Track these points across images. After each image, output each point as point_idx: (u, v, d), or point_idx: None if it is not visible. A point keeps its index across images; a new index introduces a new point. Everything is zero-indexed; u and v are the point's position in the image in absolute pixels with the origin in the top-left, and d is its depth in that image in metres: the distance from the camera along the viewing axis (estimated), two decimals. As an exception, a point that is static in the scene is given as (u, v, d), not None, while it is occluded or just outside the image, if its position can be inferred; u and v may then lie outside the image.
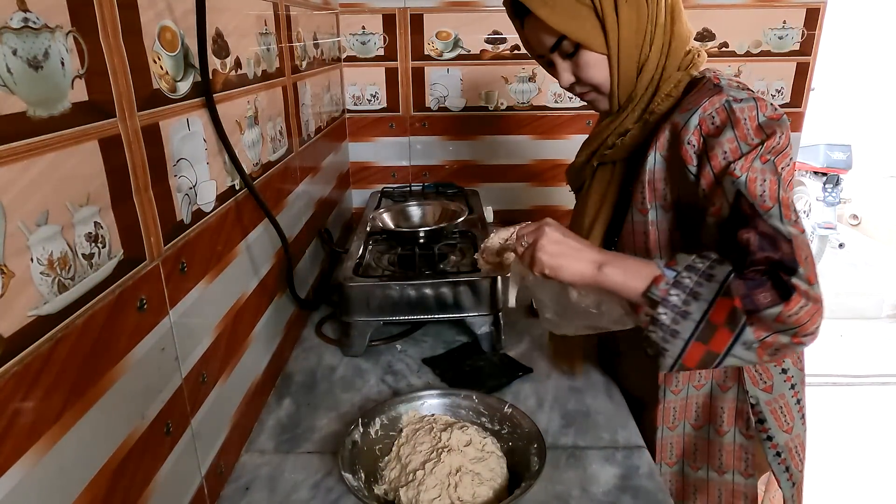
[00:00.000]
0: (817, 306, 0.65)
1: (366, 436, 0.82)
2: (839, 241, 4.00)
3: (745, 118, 0.74)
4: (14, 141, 0.43)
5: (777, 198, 0.69)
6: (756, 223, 0.69)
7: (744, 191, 0.70)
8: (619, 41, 0.81)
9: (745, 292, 0.64)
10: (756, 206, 0.69)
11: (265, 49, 1.01)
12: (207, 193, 0.76)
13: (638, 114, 0.86)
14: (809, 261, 0.66)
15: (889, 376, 2.84)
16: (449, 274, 1.14)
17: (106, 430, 0.54)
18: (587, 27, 0.80)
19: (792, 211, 0.70)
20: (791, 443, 0.90)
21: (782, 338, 0.65)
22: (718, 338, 0.66)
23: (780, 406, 0.89)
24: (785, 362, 0.89)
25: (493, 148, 1.87)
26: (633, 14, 0.80)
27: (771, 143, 0.72)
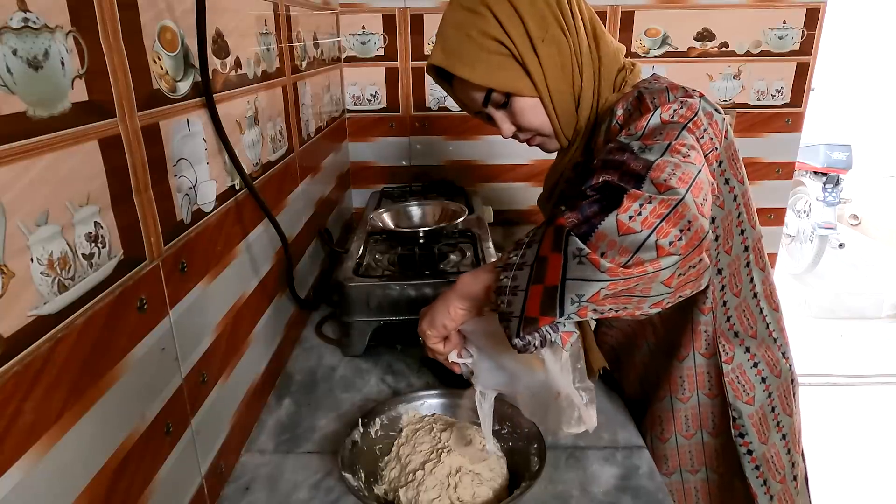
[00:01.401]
0: (668, 204, 0.53)
1: (366, 436, 0.82)
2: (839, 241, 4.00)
3: (654, 98, 0.71)
4: (14, 141, 0.43)
5: (674, 139, 0.62)
6: (613, 154, 0.63)
7: (627, 141, 0.64)
8: (547, 80, 0.79)
9: (575, 214, 0.56)
10: (632, 144, 0.63)
11: (265, 49, 1.01)
12: (207, 193, 0.76)
13: (584, 144, 0.85)
14: (679, 176, 0.56)
15: (889, 376, 2.84)
16: (449, 274, 1.14)
17: (106, 430, 0.54)
18: (511, 75, 0.79)
19: (689, 150, 0.60)
20: (768, 453, 0.88)
21: (644, 255, 0.53)
22: (551, 267, 0.55)
23: (759, 417, 0.87)
24: (763, 370, 0.87)
25: (493, 148, 1.87)
26: (553, 50, 0.78)
27: (672, 106, 0.68)
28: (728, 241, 0.82)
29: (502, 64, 0.79)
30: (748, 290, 0.85)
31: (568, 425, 0.65)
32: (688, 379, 0.88)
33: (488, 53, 0.78)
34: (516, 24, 0.77)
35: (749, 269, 0.84)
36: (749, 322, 0.86)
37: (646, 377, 0.96)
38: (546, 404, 0.68)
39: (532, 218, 1.92)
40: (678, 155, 0.59)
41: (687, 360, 0.87)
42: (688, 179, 0.56)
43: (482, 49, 0.78)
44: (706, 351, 0.86)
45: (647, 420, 0.95)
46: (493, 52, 0.78)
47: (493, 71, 0.79)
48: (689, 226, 0.54)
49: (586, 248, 0.53)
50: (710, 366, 0.87)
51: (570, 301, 0.54)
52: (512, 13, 0.77)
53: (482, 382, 0.74)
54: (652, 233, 0.52)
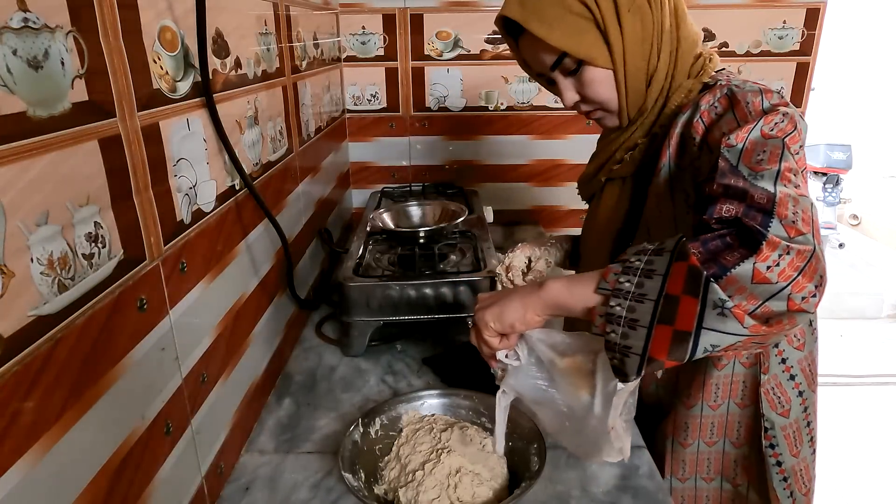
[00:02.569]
0: (804, 256, 0.52)
1: (366, 436, 0.82)
2: (839, 241, 4.00)
3: (748, 101, 0.68)
4: (14, 141, 0.43)
5: (779, 161, 0.60)
6: (728, 177, 0.60)
7: (734, 156, 0.62)
8: (625, 54, 0.75)
9: (700, 247, 0.54)
10: (741, 168, 0.61)
11: (265, 49, 1.01)
12: (207, 193, 0.76)
13: (647, 127, 0.81)
14: (802, 216, 0.55)
15: (889, 376, 2.84)
16: (449, 274, 1.14)
17: (106, 430, 0.54)
18: (589, 41, 0.75)
19: (794, 175, 0.60)
20: (797, 466, 0.86)
21: (774, 304, 0.52)
22: (683, 311, 0.53)
23: (793, 430, 0.85)
24: (801, 384, 0.84)
25: (493, 148, 1.87)
26: (637, 23, 0.74)
27: (773, 118, 0.65)
28: None
29: (583, 29, 0.74)
30: None
31: (609, 455, 0.64)
32: (723, 387, 0.85)
33: (571, 15, 0.73)
34: None
35: None
36: (796, 334, 0.83)
37: (676, 384, 0.90)
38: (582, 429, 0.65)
39: (532, 218, 1.92)
40: (790, 185, 0.58)
41: (726, 368, 0.84)
42: (808, 219, 0.55)
43: (565, 9, 0.73)
44: (746, 360, 0.83)
45: (668, 425, 0.91)
46: (576, 14, 0.73)
47: (571, 35, 0.74)
48: (822, 281, 0.54)
49: (730, 301, 0.51)
50: (747, 375, 0.84)
51: (703, 349, 0.53)
52: None
53: (514, 387, 0.70)
54: (788, 286, 0.51)
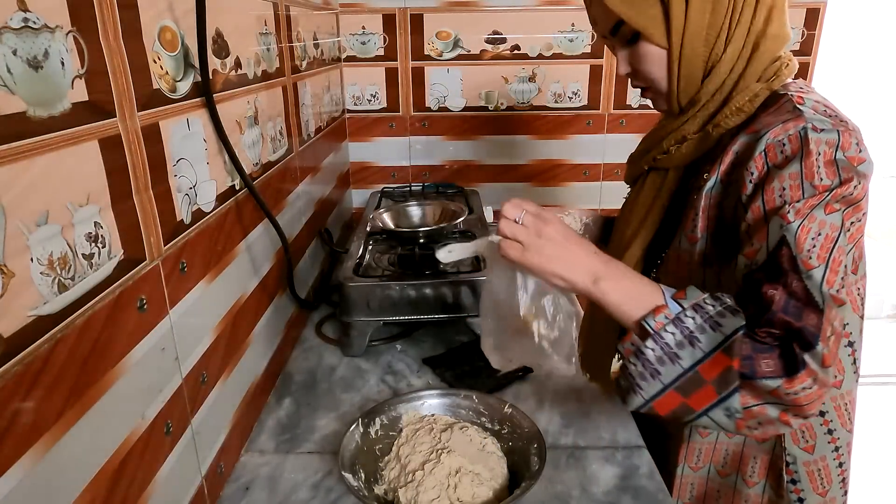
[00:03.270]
0: (821, 392, 0.58)
1: (366, 436, 0.82)
2: (839, 241, 3.98)
3: (820, 152, 0.63)
4: (14, 141, 0.43)
5: (828, 258, 0.60)
6: (789, 280, 0.60)
7: (791, 240, 0.61)
8: (684, 35, 0.69)
9: (747, 354, 0.57)
10: (798, 261, 0.60)
11: (265, 49, 1.01)
12: (207, 193, 0.76)
13: (700, 122, 0.74)
14: (833, 341, 0.59)
15: (889, 376, 2.84)
16: (449, 274, 1.14)
17: (106, 430, 0.54)
18: (649, 14, 0.69)
19: (840, 277, 0.60)
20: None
21: (770, 411, 0.58)
22: (701, 395, 0.59)
23: (818, 468, 0.80)
24: (832, 422, 0.78)
25: (493, 148, 1.87)
26: (706, 4, 0.68)
27: (842, 191, 0.62)
28: None
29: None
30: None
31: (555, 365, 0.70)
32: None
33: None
34: None
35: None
36: (836, 371, 0.78)
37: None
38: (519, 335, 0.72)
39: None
40: (835, 286, 0.60)
41: None
42: (838, 341, 0.60)
43: None
44: None
45: (682, 448, 0.84)
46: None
47: (633, 2, 0.70)
48: (819, 403, 0.59)
49: (740, 412, 0.58)
50: None
51: (694, 426, 0.59)
52: None
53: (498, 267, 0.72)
54: (794, 406, 0.58)
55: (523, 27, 1.75)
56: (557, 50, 1.77)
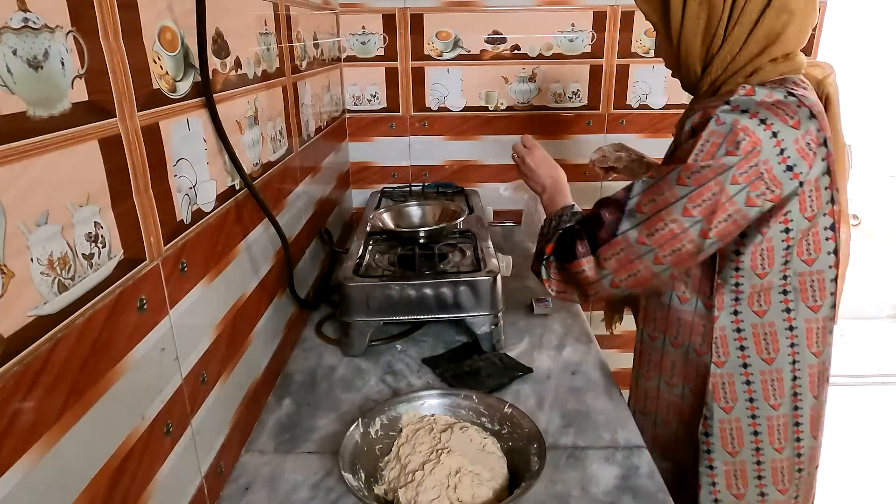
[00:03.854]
0: (592, 278, 0.86)
1: (366, 436, 0.82)
2: (839, 241, 3.98)
3: (709, 140, 0.76)
4: (14, 141, 0.43)
5: (657, 212, 0.79)
6: (608, 207, 0.84)
7: (635, 190, 0.82)
8: (681, 35, 0.82)
9: (562, 242, 0.90)
10: (627, 203, 0.82)
11: (265, 49, 1.01)
12: (207, 193, 0.76)
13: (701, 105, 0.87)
14: (620, 259, 0.82)
15: (889, 376, 2.84)
16: (449, 274, 1.14)
17: (106, 430, 0.54)
18: (658, 12, 0.84)
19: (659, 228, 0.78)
20: (732, 467, 0.91)
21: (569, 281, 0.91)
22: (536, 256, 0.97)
23: (731, 428, 0.90)
24: (755, 391, 0.88)
25: (493, 148, 1.87)
26: (703, 12, 0.80)
27: (701, 170, 0.75)
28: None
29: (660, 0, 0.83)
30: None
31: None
32: (684, 325, 0.91)
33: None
34: None
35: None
36: (769, 347, 0.87)
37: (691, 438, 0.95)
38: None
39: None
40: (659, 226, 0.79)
41: (687, 304, 0.91)
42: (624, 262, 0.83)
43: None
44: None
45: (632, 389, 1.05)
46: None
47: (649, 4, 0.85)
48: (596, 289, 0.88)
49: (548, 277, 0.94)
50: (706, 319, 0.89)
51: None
52: None
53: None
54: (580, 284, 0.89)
55: (523, 27, 1.75)
56: (557, 50, 1.77)
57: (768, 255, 0.81)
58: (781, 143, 0.73)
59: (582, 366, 1.09)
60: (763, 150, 0.73)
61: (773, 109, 0.74)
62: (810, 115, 0.75)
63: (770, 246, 0.80)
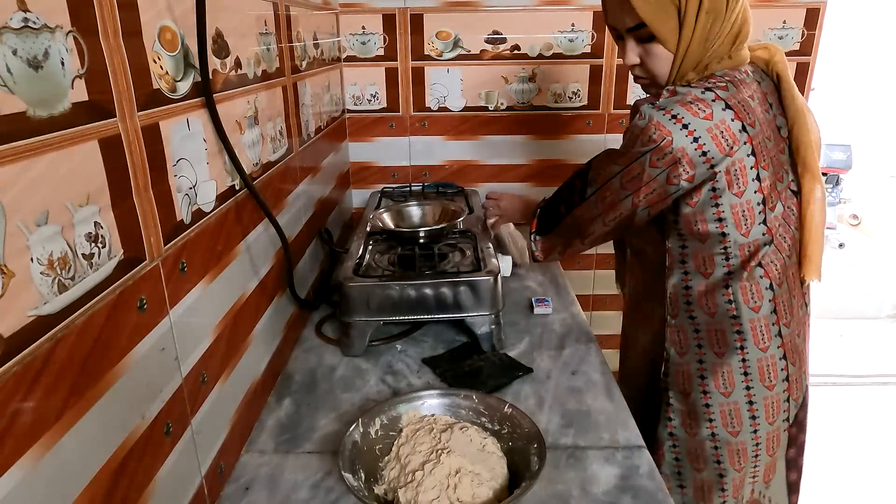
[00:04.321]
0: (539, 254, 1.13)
1: (366, 436, 0.82)
2: (839, 241, 4.00)
3: (632, 129, 0.90)
4: (14, 141, 0.43)
5: (598, 175, 0.97)
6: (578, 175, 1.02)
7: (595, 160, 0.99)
8: (689, 46, 0.87)
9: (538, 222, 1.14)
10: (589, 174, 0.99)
11: (265, 49, 1.01)
12: (207, 193, 0.76)
13: None
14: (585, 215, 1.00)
15: (889, 376, 2.84)
16: (449, 274, 1.14)
17: (106, 430, 0.54)
18: (669, 25, 0.86)
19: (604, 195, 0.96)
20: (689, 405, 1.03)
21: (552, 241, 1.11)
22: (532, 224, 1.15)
23: (684, 373, 1.02)
24: (702, 340, 1.00)
25: (493, 148, 1.87)
26: (709, 25, 0.86)
27: (625, 152, 0.91)
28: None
29: (668, 12, 0.86)
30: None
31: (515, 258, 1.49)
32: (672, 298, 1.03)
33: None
34: None
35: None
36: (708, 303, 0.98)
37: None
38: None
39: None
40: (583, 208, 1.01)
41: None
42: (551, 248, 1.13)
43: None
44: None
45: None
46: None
47: (658, 12, 0.86)
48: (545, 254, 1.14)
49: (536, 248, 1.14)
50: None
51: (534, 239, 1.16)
52: None
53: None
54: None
55: (523, 27, 1.75)
56: (557, 50, 1.77)
57: (702, 226, 0.93)
58: (694, 132, 0.85)
59: (582, 366, 1.09)
60: (675, 140, 0.85)
61: (686, 106, 0.85)
62: (725, 106, 0.85)
63: (703, 219, 0.92)
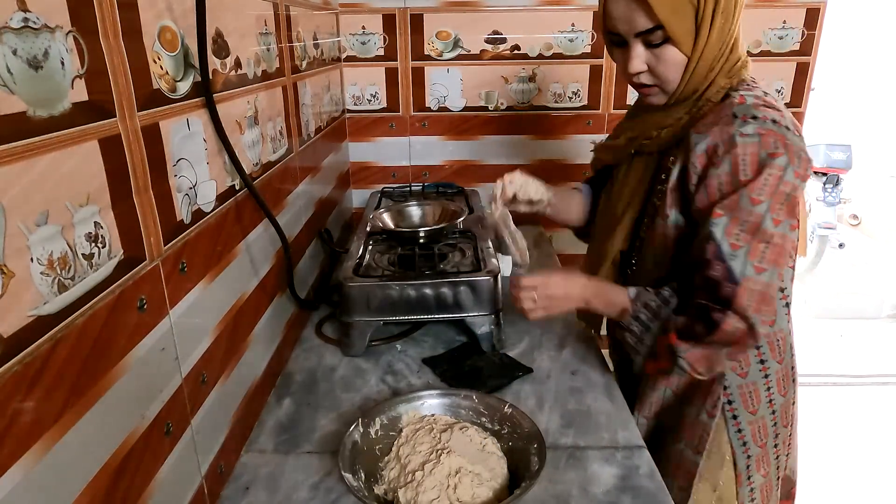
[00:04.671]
0: (747, 331, 0.79)
1: (366, 436, 0.82)
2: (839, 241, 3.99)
3: (746, 154, 0.79)
4: (14, 141, 0.43)
5: (752, 239, 0.78)
6: (711, 267, 0.80)
7: (718, 234, 0.79)
8: (705, 48, 0.81)
9: (682, 325, 0.83)
10: (723, 249, 0.79)
11: (265, 49, 1.01)
12: (207, 193, 0.76)
13: (681, 114, 0.88)
14: (755, 296, 0.78)
15: (889, 376, 2.84)
16: (449, 274, 1.14)
17: (106, 430, 0.54)
18: (686, 26, 0.80)
19: (762, 251, 0.78)
20: (754, 423, 0.96)
21: (718, 352, 0.82)
22: (662, 361, 0.87)
23: (749, 391, 0.95)
24: (763, 353, 0.94)
25: (493, 148, 1.87)
26: (723, 24, 0.80)
27: (761, 182, 0.78)
28: None
29: (686, 13, 0.79)
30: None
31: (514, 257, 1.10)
32: None
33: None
34: None
35: None
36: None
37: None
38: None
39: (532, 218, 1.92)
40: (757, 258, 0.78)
41: None
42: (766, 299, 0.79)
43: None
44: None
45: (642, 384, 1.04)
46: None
47: (675, 12, 0.79)
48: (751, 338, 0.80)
49: (689, 367, 0.84)
50: None
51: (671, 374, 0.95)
52: None
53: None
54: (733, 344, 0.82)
55: (523, 27, 1.75)
56: (557, 50, 1.77)
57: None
58: (793, 126, 0.81)
59: (582, 366, 1.09)
60: (789, 139, 0.79)
61: (770, 109, 0.81)
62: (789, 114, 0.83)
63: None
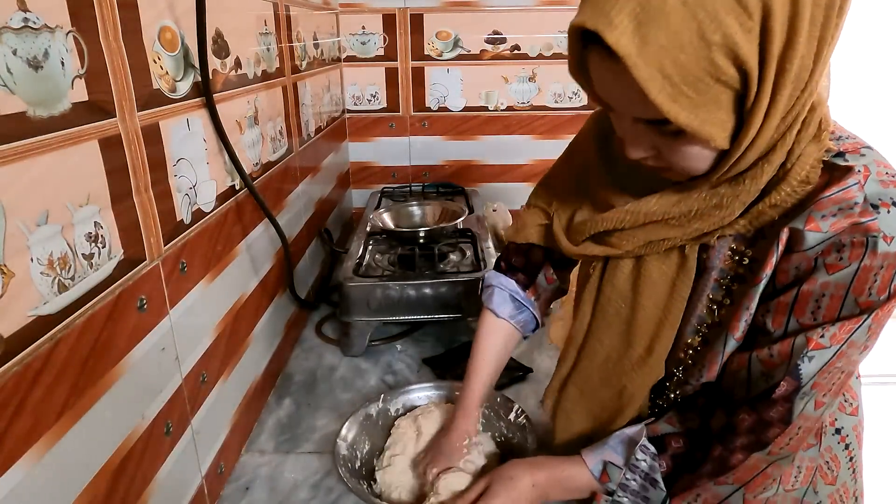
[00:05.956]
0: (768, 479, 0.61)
1: (361, 433, 0.83)
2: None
3: (882, 265, 0.52)
4: (14, 141, 0.43)
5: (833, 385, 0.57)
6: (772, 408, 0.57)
7: (805, 372, 0.55)
8: (759, 135, 0.50)
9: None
10: (802, 390, 0.56)
11: (265, 49, 1.01)
12: (207, 193, 0.76)
13: (745, 204, 0.57)
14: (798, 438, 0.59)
15: (889, 376, 2.84)
16: (449, 274, 1.14)
17: (106, 430, 0.54)
18: (718, 118, 0.49)
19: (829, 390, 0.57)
20: (835, 494, 0.76)
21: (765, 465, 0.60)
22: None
23: (827, 459, 0.75)
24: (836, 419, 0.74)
25: (493, 148, 1.87)
26: (789, 88, 0.48)
27: (889, 307, 0.54)
28: None
29: (719, 102, 0.48)
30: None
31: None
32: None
33: (714, 83, 0.47)
34: (776, 35, 0.45)
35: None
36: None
37: None
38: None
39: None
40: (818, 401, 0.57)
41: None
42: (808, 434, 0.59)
43: (708, 72, 0.46)
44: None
45: None
46: (722, 82, 0.47)
47: (699, 106, 0.48)
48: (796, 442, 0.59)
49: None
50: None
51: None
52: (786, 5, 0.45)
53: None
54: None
55: (523, 27, 1.75)
56: (557, 50, 1.77)
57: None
58: None
59: (582, 366, 1.09)
60: None
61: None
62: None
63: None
